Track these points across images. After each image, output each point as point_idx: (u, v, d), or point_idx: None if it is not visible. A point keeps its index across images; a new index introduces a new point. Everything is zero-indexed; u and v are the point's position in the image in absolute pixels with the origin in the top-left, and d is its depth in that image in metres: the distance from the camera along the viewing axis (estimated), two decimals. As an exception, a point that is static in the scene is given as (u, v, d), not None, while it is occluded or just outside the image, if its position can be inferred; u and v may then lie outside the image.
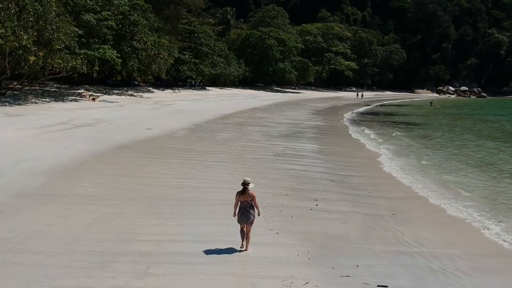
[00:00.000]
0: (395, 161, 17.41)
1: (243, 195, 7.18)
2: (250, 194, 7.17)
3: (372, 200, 11.16)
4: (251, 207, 7.23)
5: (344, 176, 13.78)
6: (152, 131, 21.70)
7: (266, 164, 14.90)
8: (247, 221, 7.22)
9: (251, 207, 7.23)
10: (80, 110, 28.57)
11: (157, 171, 12.82)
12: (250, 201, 7.21)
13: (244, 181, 7.20)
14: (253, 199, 7.21)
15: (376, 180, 13.69)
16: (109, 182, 11.34)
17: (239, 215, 7.25)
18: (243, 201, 7.20)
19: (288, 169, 14.27)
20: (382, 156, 18.52)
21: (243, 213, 7.22)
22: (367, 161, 17.08)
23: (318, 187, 12.12)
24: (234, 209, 7.34)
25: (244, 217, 7.21)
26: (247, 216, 7.19)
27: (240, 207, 7.25)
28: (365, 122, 35.92)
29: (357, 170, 15.16)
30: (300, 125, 29.31)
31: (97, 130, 20.80)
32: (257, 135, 22.90)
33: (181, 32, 58.46)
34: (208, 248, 7.26)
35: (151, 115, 29.36)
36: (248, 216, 7.19)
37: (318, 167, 15.09)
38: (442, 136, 28.16)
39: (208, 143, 18.91)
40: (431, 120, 41.45)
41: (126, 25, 41.69)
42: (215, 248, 7.28)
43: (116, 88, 46.59)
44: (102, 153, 15.27)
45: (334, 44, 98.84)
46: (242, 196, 7.19)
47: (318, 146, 20.26)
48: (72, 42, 31.05)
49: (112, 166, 13.20)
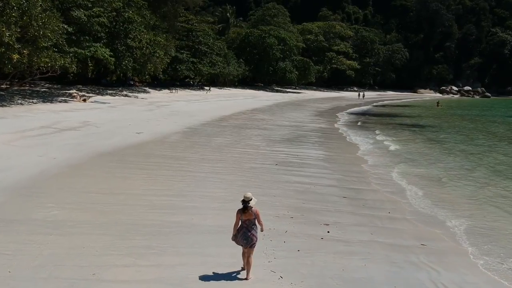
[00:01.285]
0: (412, 170, 15.56)
1: (245, 213, 6.24)
2: (253, 211, 6.27)
3: (394, 224, 9.33)
4: (254, 226, 6.33)
5: (356, 191, 11.94)
6: (142, 135, 19.88)
7: (267, 176, 13.07)
8: (247, 243, 6.29)
9: (254, 227, 6.32)
10: (67, 112, 26.73)
11: (139, 186, 10.98)
12: (253, 219, 6.31)
13: (245, 197, 6.26)
14: (257, 217, 6.32)
15: (394, 196, 11.85)
16: (79, 201, 9.51)
17: (239, 236, 6.31)
18: (245, 220, 6.28)
19: (292, 182, 12.44)
20: (396, 164, 16.67)
21: (243, 234, 6.28)
22: (380, 171, 15.24)
23: (328, 206, 10.29)
24: (234, 230, 6.37)
25: (244, 239, 6.28)
26: (247, 237, 6.27)
27: (241, 227, 6.32)
28: (371, 124, 34.06)
29: (370, 182, 13.33)
30: (302, 128, 27.49)
31: (81, 134, 18.98)
32: (257, 139, 21.08)
33: (178, 31, 56.60)
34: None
35: (144, 117, 27.53)
36: (249, 238, 6.27)
37: (325, 178, 13.25)
38: (459, 140, 26.11)
39: (202, 150, 17.08)
40: (441, 122, 39.53)
41: (120, 22, 39.84)
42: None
43: (111, 88, 44.75)
44: (80, 163, 13.44)
45: (335, 43, 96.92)
46: (244, 214, 6.26)
47: (323, 152, 18.43)
48: (61, 39, 29.18)
49: (88, 180, 11.36)
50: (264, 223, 6.79)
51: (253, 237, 6.29)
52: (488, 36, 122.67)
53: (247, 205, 6.22)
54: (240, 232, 6.30)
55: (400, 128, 32.61)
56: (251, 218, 6.28)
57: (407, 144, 23.10)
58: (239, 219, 6.30)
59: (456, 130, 32.40)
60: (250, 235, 6.27)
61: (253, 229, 6.30)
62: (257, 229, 6.35)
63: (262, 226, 6.45)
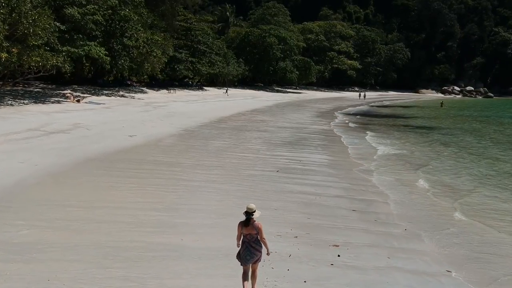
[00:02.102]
0: (427, 178, 14.40)
1: (247, 227, 5.70)
2: (255, 225, 5.69)
3: (414, 244, 8.19)
4: (257, 241, 5.74)
5: (366, 203, 10.79)
6: (135, 138, 18.75)
7: (267, 185, 11.92)
8: (251, 259, 5.73)
9: (257, 242, 5.74)
10: (59, 113, 25.61)
11: (125, 198, 9.84)
12: (256, 234, 5.72)
13: (248, 209, 5.71)
14: (259, 233, 5.71)
15: (408, 208, 10.71)
16: (55, 217, 8.37)
17: (242, 253, 5.74)
18: (246, 234, 5.73)
19: (295, 192, 11.29)
20: (408, 171, 15.52)
21: (246, 249, 5.73)
22: (390, 178, 14.08)
23: (336, 221, 9.14)
24: (238, 241, 5.86)
25: (248, 254, 5.72)
26: (251, 253, 5.72)
27: (243, 241, 5.77)
28: (376, 126, 32.91)
29: (380, 191, 12.17)
30: (304, 130, 26.34)
31: (70, 138, 17.85)
32: (257, 142, 19.94)
33: (177, 30, 55.47)
34: None
35: (139, 118, 26.39)
36: (253, 254, 5.73)
37: (331, 188, 12.10)
38: (475, 143, 24.93)
39: (198, 155, 15.94)
40: (446, 123, 38.35)
41: (116, 20, 38.70)
42: None
43: (107, 88, 43.61)
44: (64, 170, 12.30)
45: (336, 42, 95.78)
46: (245, 228, 5.71)
47: (327, 157, 17.28)
48: (52, 38, 28.06)
49: (68, 191, 10.22)
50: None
51: (256, 253, 5.74)
52: (490, 35, 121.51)
53: (251, 217, 5.65)
54: (242, 247, 5.78)
55: (407, 130, 31.45)
56: (253, 233, 5.71)
57: (417, 148, 21.87)
58: (240, 232, 5.78)
59: (465, 131, 31.19)
60: (253, 250, 5.71)
61: (257, 244, 5.75)
62: (260, 245, 5.77)
63: (267, 246, 5.80)
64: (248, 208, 5.73)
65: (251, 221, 5.70)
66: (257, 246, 5.74)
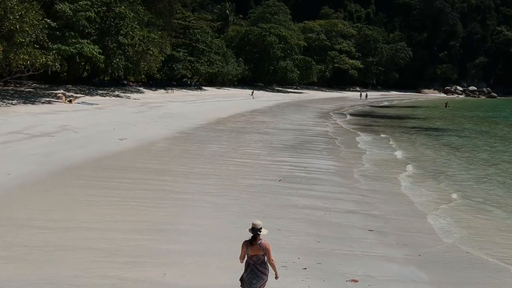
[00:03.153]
0: (444, 188, 12.97)
1: (252, 246, 5.03)
2: (262, 245, 5.04)
3: (451, 276, 6.74)
4: (264, 264, 5.07)
5: (385, 221, 9.36)
6: (125, 142, 17.31)
7: (268, 197, 10.50)
8: (257, 283, 5.05)
9: (263, 265, 5.07)
10: (48, 114, 24.21)
11: (102, 216, 8.42)
12: (262, 256, 5.05)
13: (254, 226, 5.07)
14: (267, 254, 5.05)
15: (429, 225, 9.27)
16: (12, 242, 6.94)
17: (246, 276, 5.07)
18: (252, 255, 5.05)
19: (300, 207, 9.87)
20: (424, 179, 14.10)
21: (252, 273, 5.04)
22: (405, 184, 12.66)
23: (352, 245, 7.71)
24: (241, 260, 5.18)
25: (254, 278, 5.04)
26: (257, 277, 5.04)
27: (248, 263, 5.10)
28: (382, 128, 31.47)
29: (398, 204, 10.75)
30: (307, 132, 24.92)
31: (54, 141, 16.41)
32: (257, 146, 18.52)
33: (175, 28, 54.06)
34: None
35: (133, 120, 24.97)
36: (260, 277, 5.05)
37: (341, 201, 10.68)
38: (488, 148, 23.52)
39: (192, 161, 14.52)
40: (454, 124, 36.89)
41: (110, 18, 37.27)
42: None
43: (102, 88, 42.19)
44: (38, 181, 10.89)
45: (337, 41, 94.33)
46: (251, 248, 5.05)
47: (334, 163, 15.85)
48: (41, 35, 26.61)
49: (37, 207, 8.78)
50: (268, 280, 5.10)
51: (264, 276, 5.08)
52: (493, 35, 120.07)
53: (257, 234, 4.98)
54: (246, 270, 5.08)
55: (415, 131, 29.99)
56: (259, 254, 5.02)
57: (429, 153, 20.33)
58: (244, 253, 5.08)
59: (474, 134, 29.74)
60: (260, 274, 5.03)
61: (263, 267, 5.06)
62: (267, 267, 5.08)
63: (276, 270, 5.08)
64: (253, 224, 5.00)
65: (258, 240, 4.98)
66: (263, 269, 5.07)
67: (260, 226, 5.05)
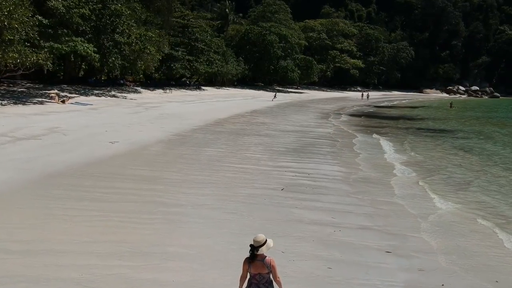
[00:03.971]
0: (464, 197, 11.82)
1: (254, 264, 4.41)
2: (267, 262, 4.42)
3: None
4: (269, 283, 4.46)
5: (400, 238, 8.20)
6: (116, 145, 16.19)
7: (270, 210, 9.36)
8: None
9: (269, 284, 4.46)
10: (38, 115, 23.10)
11: (79, 236, 7.27)
12: (267, 274, 4.44)
13: (254, 241, 4.43)
14: (273, 272, 4.46)
15: (454, 245, 8.13)
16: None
17: None
18: (255, 274, 4.45)
19: (306, 222, 8.73)
20: (439, 188, 12.94)
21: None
22: (417, 193, 11.50)
23: (368, 273, 6.56)
24: (241, 282, 4.58)
25: None
26: None
27: (251, 283, 4.47)
28: (387, 129, 30.31)
29: (412, 217, 9.60)
30: (309, 134, 23.78)
31: (39, 145, 15.28)
32: (257, 150, 17.37)
33: (173, 26, 52.90)
34: None
35: (127, 121, 23.83)
36: None
37: (352, 214, 9.53)
38: (491, 149, 22.43)
39: (187, 167, 13.38)
40: (460, 125, 35.74)
41: (106, 15, 36.13)
42: None
43: (98, 88, 41.07)
44: (14, 190, 9.76)
45: (339, 41, 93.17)
46: (253, 265, 4.43)
47: (340, 168, 14.70)
48: (32, 32, 25.47)
49: (2, 226, 7.63)
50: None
51: None
52: (496, 34, 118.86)
53: (255, 253, 4.44)
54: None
55: (423, 133, 28.78)
56: (263, 272, 4.50)
57: (441, 156, 19.14)
58: (246, 271, 4.59)
59: (488, 136, 28.53)
60: None
61: (269, 286, 4.54)
62: (273, 286, 4.58)
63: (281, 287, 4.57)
64: (254, 241, 4.46)
65: (261, 257, 4.46)
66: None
67: (263, 242, 4.45)
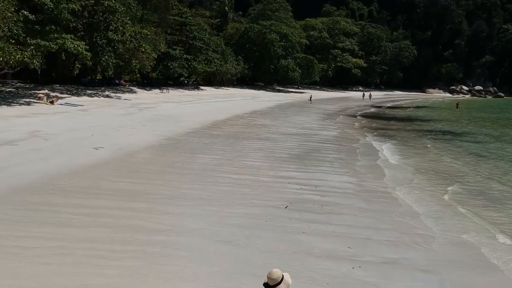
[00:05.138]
0: (496, 216, 10.15)
1: None
2: None
3: None
4: None
5: (440, 280, 6.53)
6: (101, 152, 14.53)
7: (272, 238, 7.68)
8: None
9: None
10: (21, 117, 21.46)
11: (22, 281, 5.61)
12: None
13: (270, 279, 3.76)
14: None
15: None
16: None
17: None
18: None
19: (318, 255, 7.04)
20: (474, 201, 11.29)
21: None
22: (445, 213, 9.83)
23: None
24: None
25: None
26: None
27: None
28: (395, 132, 28.66)
29: (452, 246, 7.93)
30: (313, 137, 22.12)
31: (14, 152, 13.61)
32: (256, 156, 15.71)
33: (170, 24, 51.29)
34: None
35: (117, 123, 22.19)
36: None
37: (372, 241, 7.84)
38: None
39: (176, 178, 11.72)
40: (469, 126, 34.13)
41: (99, 12, 34.54)
42: None
43: (91, 88, 39.49)
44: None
45: (340, 40, 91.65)
46: None
47: (350, 178, 13.03)
48: (16, 28, 23.83)
49: None
50: None
51: None
52: (499, 33, 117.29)
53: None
54: None
55: (433, 136, 27.03)
56: None
57: (463, 163, 17.40)
58: None
59: (491, 138, 26.88)
60: None
61: None
62: None
63: None
64: (270, 279, 3.75)
65: None
66: None
67: (278, 281, 3.75)
